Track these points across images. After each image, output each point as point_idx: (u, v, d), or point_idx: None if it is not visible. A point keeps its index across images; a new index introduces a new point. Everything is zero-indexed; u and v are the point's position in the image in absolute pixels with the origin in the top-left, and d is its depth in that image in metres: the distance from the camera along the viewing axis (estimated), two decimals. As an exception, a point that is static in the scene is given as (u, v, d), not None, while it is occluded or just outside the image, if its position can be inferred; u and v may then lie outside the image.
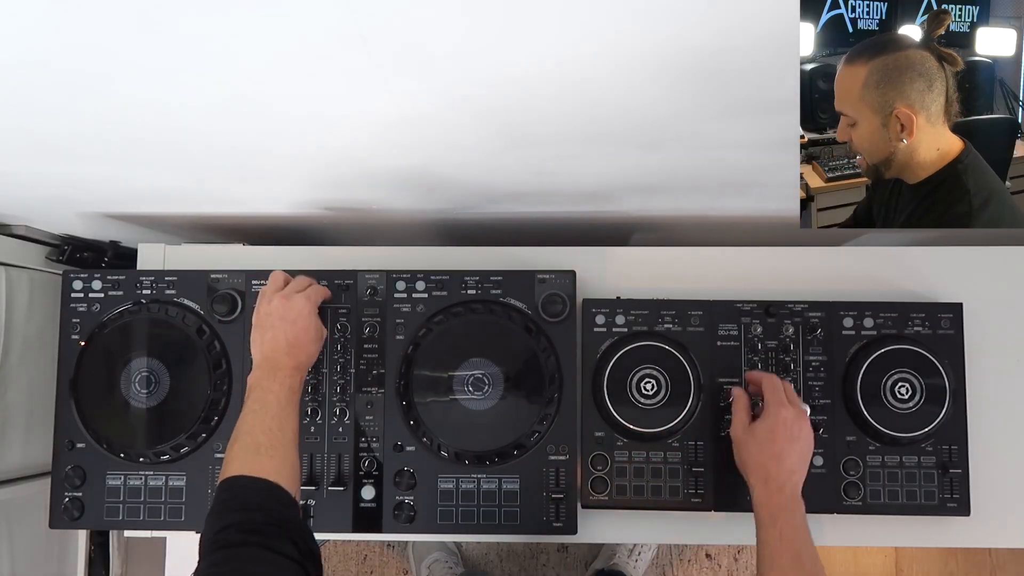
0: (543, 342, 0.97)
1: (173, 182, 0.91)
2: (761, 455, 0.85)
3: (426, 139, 0.75)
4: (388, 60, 0.57)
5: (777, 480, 0.83)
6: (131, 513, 0.98)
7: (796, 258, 1.04)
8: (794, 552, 0.79)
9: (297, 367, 0.87)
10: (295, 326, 0.88)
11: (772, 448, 0.85)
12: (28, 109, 0.66)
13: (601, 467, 0.97)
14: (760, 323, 0.99)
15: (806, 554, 0.79)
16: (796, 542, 0.80)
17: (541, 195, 0.98)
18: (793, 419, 0.86)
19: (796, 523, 0.81)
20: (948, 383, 0.96)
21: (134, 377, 0.98)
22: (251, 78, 0.60)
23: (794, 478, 0.84)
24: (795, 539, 0.80)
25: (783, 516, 0.81)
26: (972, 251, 1.04)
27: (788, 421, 0.85)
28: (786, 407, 0.87)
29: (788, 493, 0.83)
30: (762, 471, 0.84)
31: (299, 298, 0.90)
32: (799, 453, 0.85)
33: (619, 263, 1.05)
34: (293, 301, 0.89)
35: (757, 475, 0.85)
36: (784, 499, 0.83)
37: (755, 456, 0.86)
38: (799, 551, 0.79)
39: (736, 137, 0.74)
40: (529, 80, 0.61)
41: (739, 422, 0.89)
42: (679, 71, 0.59)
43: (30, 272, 1.11)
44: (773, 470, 0.84)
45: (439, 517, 0.97)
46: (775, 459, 0.84)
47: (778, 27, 0.52)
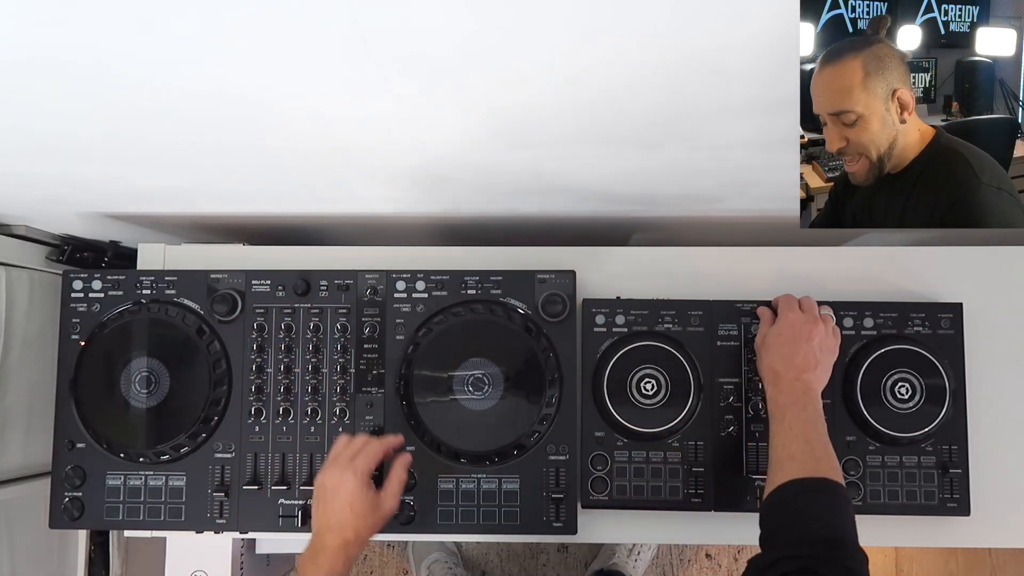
0: (543, 342, 0.97)
1: (173, 182, 0.91)
2: (770, 357, 0.88)
3: (426, 139, 0.75)
4: (388, 60, 0.57)
5: (785, 378, 0.85)
6: (131, 513, 0.98)
7: (796, 258, 1.04)
8: (804, 440, 0.80)
9: (343, 545, 0.81)
10: (337, 500, 0.82)
11: (780, 350, 0.87)
12: (28, 109, 0.66)
13: (601, 467, 0.97)
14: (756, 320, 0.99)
15: (817, 442, 0.80)
16: (806, 432, 0.81)
17: (541, 195, 0.98)
18: (802, 322, 0.88)
19: (806, 415, 0.82)
20: (948, 383, 0.96)
21: (134, 377, 0.98)
22: (251, 78, 0.60)
23: (804, 376, 0.85)
24: (804, 429, 0.81)
25: (792, 410, 0.83)
26: (972, 251, 1.04)
27: (796, 323, 0.88)
28: (794, 311, 0.90)
29: (799, 389, 0.84)
30: (771, 372, 0.87)
31: (345, 465, 0.84)
32: (809, 352, 0.86)
33: (619, 263, 1.05)
34: (338, 469, 0.83)
35: (768, 377, 0.88)
36: (794, 395, 0.84)
37: (765, 359, 0.89)
38: (809, 439, 0.80)
39: (736, 137, 0.74)
40: (529, 80, 0.61)
41: (760, 334, 0.92)
42: (679, 71, 0.59)
43: (30, 272, 1.10)
44: (781, 369, 0.86)
45: (439, 517, 0.97)
46: (782, 360, 0.86)
47: (778, 27, 0.52)
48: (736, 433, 0.97)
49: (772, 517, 0.77)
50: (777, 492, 0.78)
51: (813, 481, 0.77)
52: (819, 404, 0.84)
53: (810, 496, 0.76)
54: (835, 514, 0.75)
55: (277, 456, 0.98)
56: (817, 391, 0.86)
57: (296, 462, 0.98)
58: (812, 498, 0.76)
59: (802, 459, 0.79)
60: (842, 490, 0.77)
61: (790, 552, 0.72)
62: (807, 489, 0.77)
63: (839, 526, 0.74)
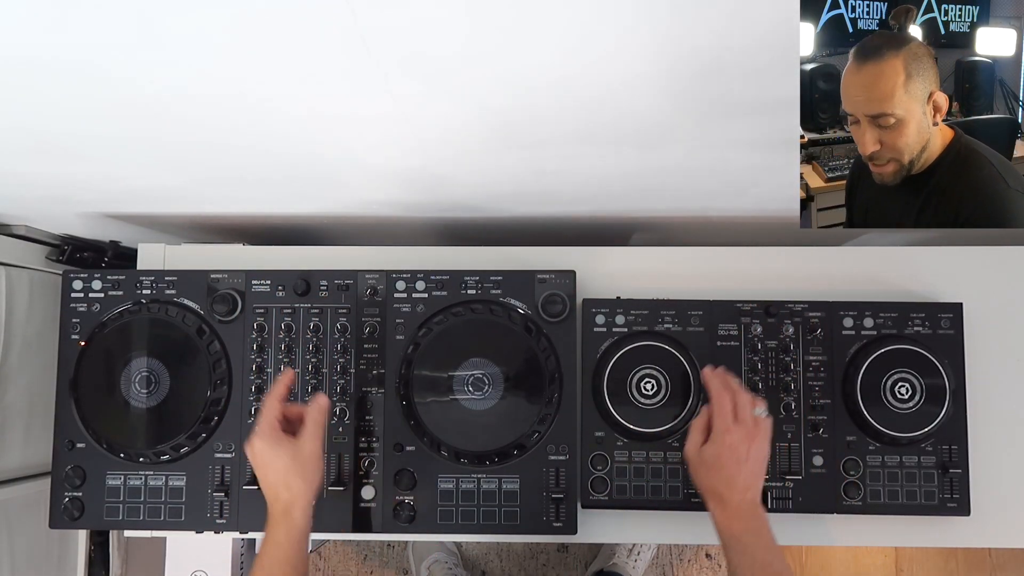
0: (543, 342, 0.97)
1: (173, 182, 0.91)
2: (711, 480, 0.85)
3: (426, 139, 0.75)
4: (389, 61, 0.57)
5: (733, 502, 0.83)
6: (131, 513, 0.98)
7: (796, 258, 1.04)
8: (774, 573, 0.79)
9: (285, 509, 0.82)
10: (260, 470, 0.84)
11: (720, 474, 0.84)
12: (28, 109, 0.66)
13: (601, 467, 0.97)
14: (760, 323, 0.99)
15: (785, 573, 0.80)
16: (771, 562, 0.80)
17: (541, 195, 0.98)
18: (739, 441, 0.84)
19: (764, 542, 0.82)
20: (948, 383, 0.96)
21: (134, 377, 0.98)
22: (251, 78, 0.60)
23: (748, 495, 0.84)
24: (768, 559, 0.80)
25: (748, 538, 0.82)
26: (972, 251, 1.04)
27: (734, 444, 0.84)
28: (730, 431, 0.85)
29: (748, 512, 0.83)
30: (716, 496, 0.84)
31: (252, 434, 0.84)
32: (750, 471, 0.84)
33: (619, 263, 1.05)
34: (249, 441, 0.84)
35: (713, 500, 0.85)
36: (745, 520, 0.83)
37: (706, 481, 0.85)
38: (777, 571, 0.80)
39: (736, 137, 0.74)
40: (529, 80, 0.61)
41: (692, 443, 0.88)
42: (679, 71, 0.59)
43: (30, 272, 1.11)
44: (726, 494, 0.83)
45: (439, 517, 0.97)
46: (726, 484, 0.83)
47: (778, 27, 0.52)
48: (736, 433, 0.97)
49: None
50: None
51: None
52: (766, 518, 0.84)
53: None
54: None
55: (277, 456, 0.98)
56: (759, 501, 0.85)
57: (296, 462, 0.98)
58: None
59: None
60: None
61: None
62: None
63: None
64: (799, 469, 0.97)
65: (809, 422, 0.97)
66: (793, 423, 0.97)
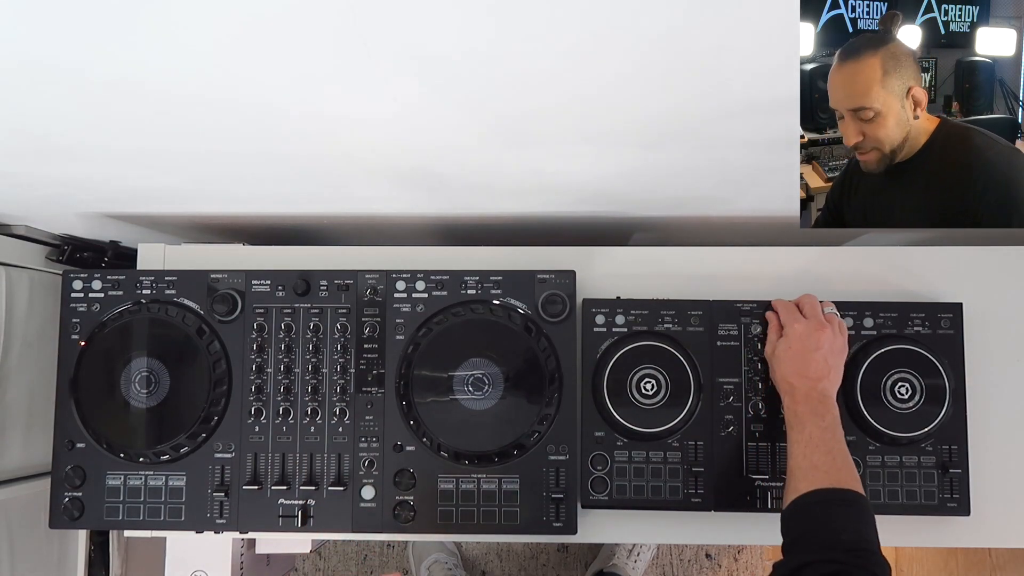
0: (543, 342, 0.97)
1: (173, 182, 0.91)
2: (783, 370, 0.90)
3: (426, 139, 0.75)
4: (388, 60, 0.57)
5: (802, 389, 0.87)
6: (131, 513, 0.98)
7: (796, 258, 1.04)
8: (826, 450, 0.82)
9: None
10: None
11: (792, 363, 0.89)
12: (29, 109, 0.66)
13: (601, 467, 0.97)
14: (760, 323, 0.99)
15: (838, 453, 0.82)
16: (827, 442, 0.83)
17: (541, 195, 0.98)
18: (808, 331, 0.90)
19: (825, 424, 0.84)
20: (948, 383, 0.96)
21: (134, 377, 0.98)
22: (251, 78, 0.60)
23: (820, 385, 0.87)
24: (825, 439, 0.83)
25: (811, 420, 0.85)
26: (972, 251, 1.04)
27: (803, 335, 0.90)
28: (799, 321, 0.91)
29: (815, 398, 0.86)
30: (786, 384, 0.89)
31: None
32: (821, 360, 0.88)
33: (619, 263, 1.05)
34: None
35: (783, 388, 0.90)
36: (811, 404, 0.86)
37: (779, 372, 0.91)
38: (831, 449, 0.82)
39: (736, 137, 0.74)
40: (529, 80, 0.61)
41: (769, 344, 0.95)
42: (679, 71, 0.59)
43: (30, 272, 1.11)
44: (796, 381, 0.88)
45: (439, 517, 0.97)
46: (796, 372, 0.88)
47: (778, 27, 0.52)
48: (736, 433, 0.97)
49: (797, 524, 0.79)
50: (801, 500, 0.80)
51: (838, 491, 0.79)
52: (836, 411, 0.87)
53: (836, 506, 0.78)
54: (861, 524, 0.77)
55: (277, 456, 0.98)
56: (832, 397, 0.88)
57: (296, 462, 0.98)
58: (838, 508, 0.78)
59: (825, 469, 0.81)
60: (865, 501, 0.79)
61: (820, 556, 0.74)
62: (833, 499, 0.79)
63: (866, 536, 0.77)
64: (799, 469, 0.97)
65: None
66: (793, 423, 0.97)
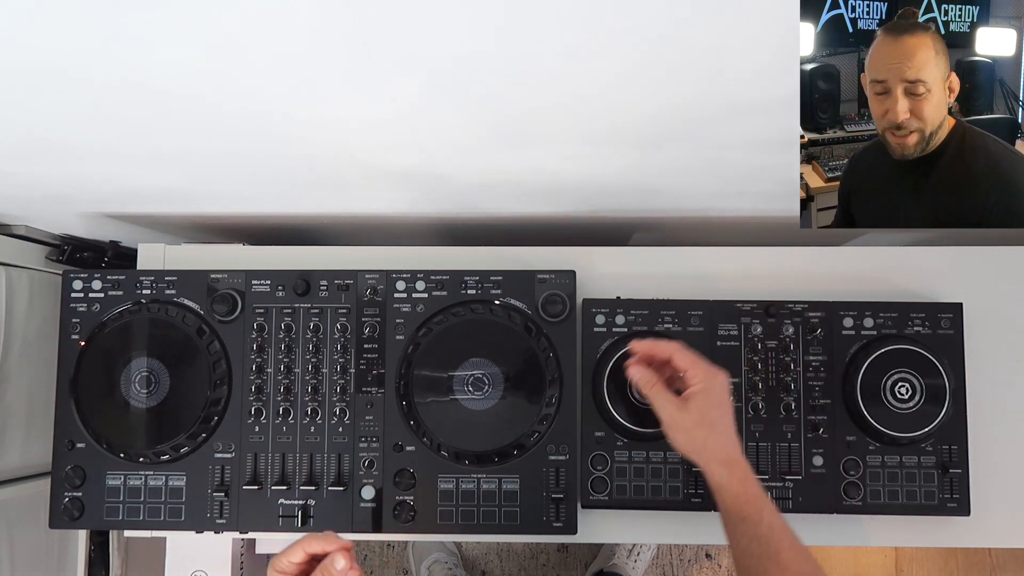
0: (543, 342, 0.97)
1: (173, 182, 0.91)
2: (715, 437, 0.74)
3: (426, 139, 0.75)
4: (388, 61, 0.57)
5: (740, 463, 0.73)
6: (131, 513, 0.98)
7: (796, 258, 1.04)
8: (790, 541, 0.71)
9: None
10: None
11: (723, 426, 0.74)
12: (29, 110, 0.66)
13: (601, 467, 0.97)
14: (760, 323, 0.99)
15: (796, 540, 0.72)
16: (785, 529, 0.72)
17: (541, 195, 0.98)
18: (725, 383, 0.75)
19: (774, 508, 0.73)
20: (948, 383, 0.96)
21: (134, 377, 0.98)
22: (251, 78, 0.60)
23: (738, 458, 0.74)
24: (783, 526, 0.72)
25: (766, 505, 0.73)
26: (972, 251, 1.04)
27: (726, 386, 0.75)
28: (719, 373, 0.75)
29: (753, 475, 0.74)
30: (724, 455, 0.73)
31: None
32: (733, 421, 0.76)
33: (619, 263, 1.05)
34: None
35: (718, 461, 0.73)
36: (757, 485, 0.73)
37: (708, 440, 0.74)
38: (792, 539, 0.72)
39: (736, 137, 0.74)
40: (529, 80, 0.61)
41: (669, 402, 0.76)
42: (679, 71, 0.59)
43: (30, 272, 1.11)
44: (735, 452, 0.73)
45: (439, 517, 0.97)
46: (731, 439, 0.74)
47: (778, 27, 0.52)
48: (736, 433, 0.97)
49: None
50: None
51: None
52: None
53: None
54: None
55: (277, 456, 0.98)
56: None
57: (296, 462, 0.98)
58: None
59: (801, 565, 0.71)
60: None
61: None
62: None
63: None
64: (799, 469, 0.97)
65: (809, 422, 0.97)
66: (793, 423, 0.97)
